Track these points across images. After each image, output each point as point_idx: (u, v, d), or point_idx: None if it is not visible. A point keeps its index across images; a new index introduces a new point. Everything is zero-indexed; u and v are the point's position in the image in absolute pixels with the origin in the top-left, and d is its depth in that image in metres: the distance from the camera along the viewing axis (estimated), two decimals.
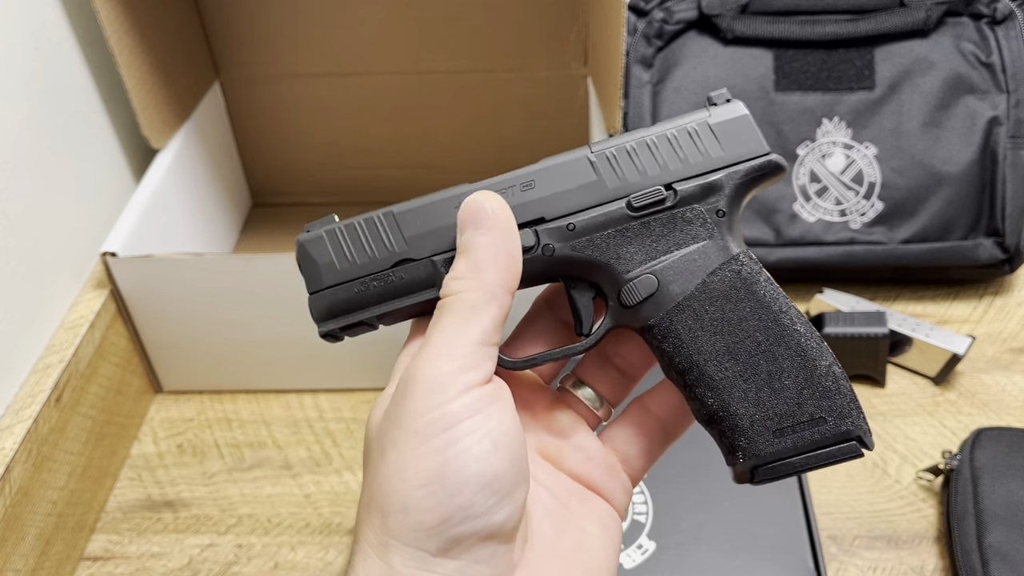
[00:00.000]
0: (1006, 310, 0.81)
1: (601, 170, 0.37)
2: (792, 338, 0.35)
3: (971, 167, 0.77)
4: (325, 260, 0.37)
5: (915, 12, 0.78)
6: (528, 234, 0.37)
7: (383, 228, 0.37)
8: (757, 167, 0.37)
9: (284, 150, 0.94)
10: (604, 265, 0.36)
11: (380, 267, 0.37)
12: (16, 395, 0.62)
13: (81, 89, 0.73)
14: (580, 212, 0.37)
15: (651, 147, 0.37)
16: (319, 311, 0.37)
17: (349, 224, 0.38)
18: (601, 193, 0.37)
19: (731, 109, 0.37)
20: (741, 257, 0.36)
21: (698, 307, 0.36)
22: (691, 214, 0.36)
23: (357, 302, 0.37)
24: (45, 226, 0.67)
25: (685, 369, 0.36)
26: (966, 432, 0.69)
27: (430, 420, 0.32)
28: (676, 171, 0.37)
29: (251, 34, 0.86)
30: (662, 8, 0.80)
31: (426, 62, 0.87)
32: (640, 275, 0.36)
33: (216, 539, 0.66)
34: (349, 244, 0.37)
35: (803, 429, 0.35)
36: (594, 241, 0.36)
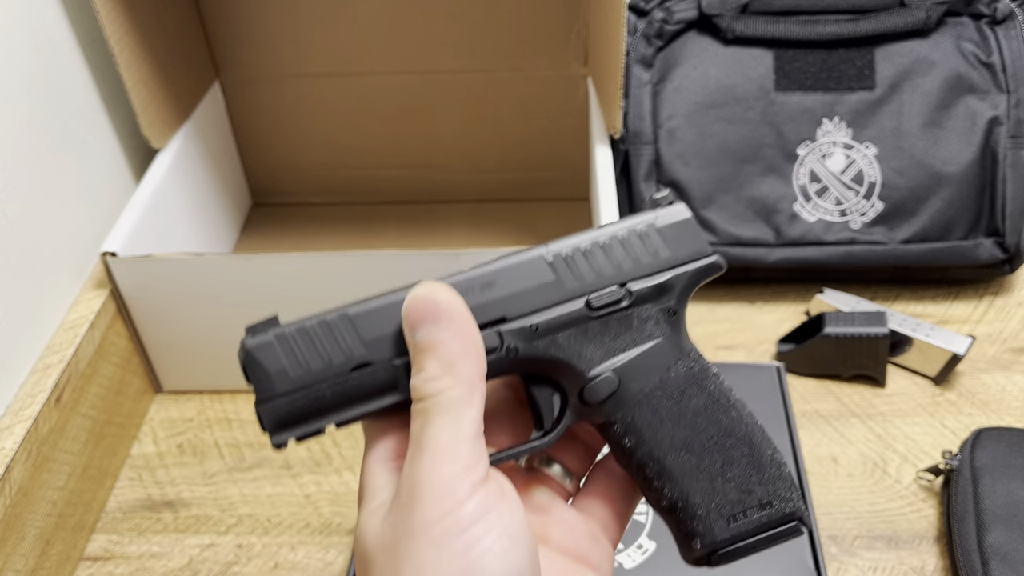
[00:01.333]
0: (1006, 310, 0.81)
1: (559, 270, 0.37)
2: (740, 429, 0.37)
3: (971, 167, 0.77)
4: (276, 367, 0.35)
5: (915, 12, 0.78)
6: (492, 335, 0.36)
7: (338, 331, 0.36)
8: (703, 268, 0.38)
9: (284, 150, 0.94)
10: (566, 364, 0.37)
11: (338, 371, 0.35)
12: (16, 395, 0.62)
13: (81, 89, 0.73)
14: (541, 311, 0.37)
15: (603, 248, 0.38)
16: (272, 421, 0.35)
17: (301, 328, 0.36)
18: (560, 293, 0.37)
19: (675, 212, 0.39)
20: (692, 354, 0.38)
21: (656, 403, 0.37)
22: (645, 313, 0.37)
23: (314, 410, 0.35)
24: (45, 226, 0.67)
25: (645, 463, 0.37)
26: (966, 432, 0.69)
27: (446, 526, 0.31)
28: (629, 271, 0.38)
29: (251, 34, 0.86)
30: (662, 8, 0.80)
31: (427, 62, 0.87)
32: (601, 373, 0.37)
33: (216, 539, 0.66)
34: (302, 349, 0.36)
35: (752, 514, 0.37)
36: (556, 340, 0.37)
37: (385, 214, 0.95)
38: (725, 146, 0.79)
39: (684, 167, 0.80)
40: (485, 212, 0.95)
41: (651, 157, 0.80)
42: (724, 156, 0.79)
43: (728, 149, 0.79)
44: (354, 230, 0.93)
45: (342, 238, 0.92)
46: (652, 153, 0.80)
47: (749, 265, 0.80)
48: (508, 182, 0.95)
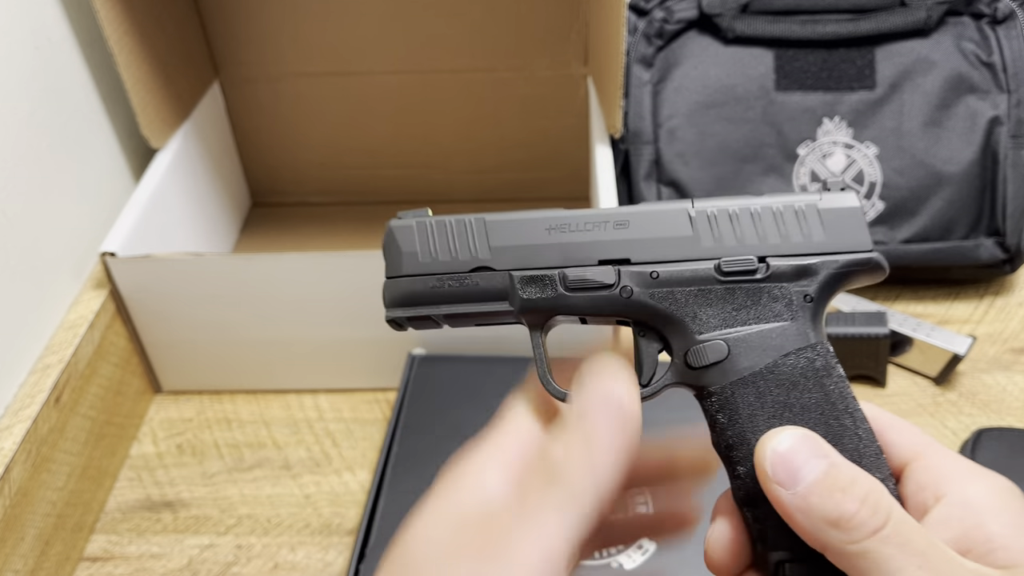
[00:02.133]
0: (1007, 310, 0.81)
1: (699, 226, 0.36)
2: (851, 442, 0.34)
3: (972, 167, 0.77)
4: (409, 249, 0.37)
5: (916, 12, 0.78)
6: (610, 272, 0.36)
7: (471, 232, 0.37)
8: (856, 261, 0.36)
9: (284, 150, 0.94)
10: (678, 321, 0.36)
11: (460, 268, 0.37)
12: (15, 395, 0.62)
13: (81, 89, 0.73)
14: (667, 263, 0.36)
15: (753, 216, 0.36)
16: (392, 297, 0.37)
17: (440, 220, 0.37)
18: (693, 249, 0.36)
19: (843, 198, 0.36)
20: (819, 347, 0.35)
21: (763, 386, 0.34)
22: (778, 292, 0.35)
23: (430, 297, 0.37)
24: (44, 226, 0.67)
25: (734, 444, 0.35)
26: (967, 432, 0.69)
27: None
28: (773, 246, 0.36)
29: (250, 33, 0.86)
30: (662, 7, 0.80)
31: (426, 62, 0.87)
32: (712, 339, 0.35)
33: (216, 539, 0.66)
34: (435, 239, 0.37)
35: None
36: (674, 294, 0.36)
37: (385, 214, 0.94)
38: (725, 146, 0.79)
39: (684, 167, 0.80)
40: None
41: (651, 157, 0.80)
42: (724, 156, 0.79)
43: (728, 149, 0.79)
44: (354, 230, 0.93)
45: (342, 238, 0.92)
46: (652, 153, 0.80)
47: None
48: (508, 182, 0.95)
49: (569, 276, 0.36)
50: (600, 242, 0.36)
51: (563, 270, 0.36)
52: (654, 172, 0.80)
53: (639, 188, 0.80)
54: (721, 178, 0.79)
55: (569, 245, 0.36)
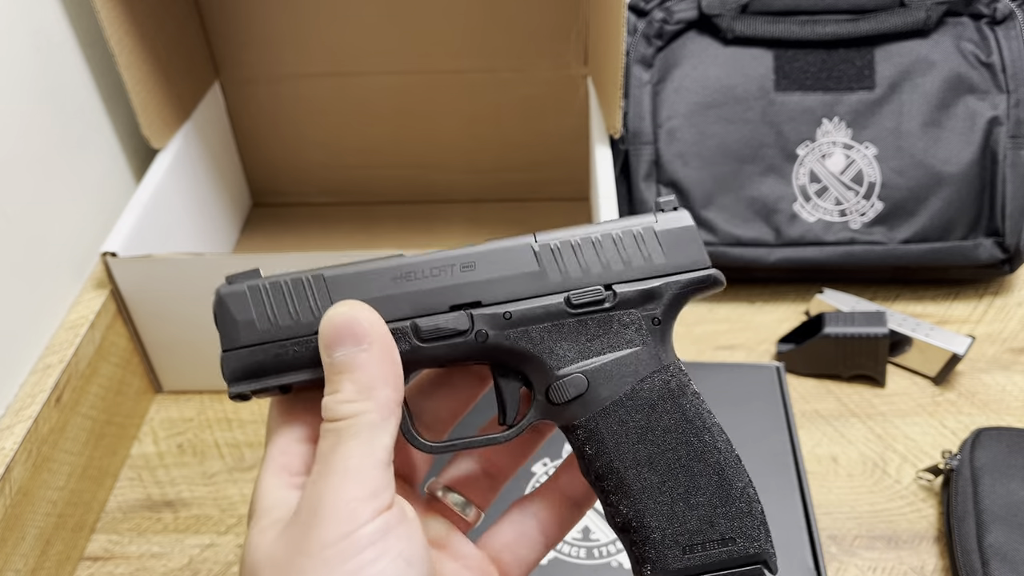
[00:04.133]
0: (1006, 310, 0.81)
1: (544, 261, 0.36)
2: (712, 455, 0.35)
3: (971, 167, 0.77)
4: (245, 317, 0.35)
5: (915, 12, 0.78)
6: (462, 317, 0.36)
7: (311, 291, 0.36)
8: (697, 280, 0.37)
9: (284, 150, 0.94)
10: (536, 359, 0.36)
11: (304, 332, 0.35)
12: (16, 395, 0.62)
13: (81, 89, 0.73)
14: (518, 301, 0.36)
15: (595, 245, 0.36)
16: (232, 370, 0.36)
17: (275, 282, 0.36)
18: (541, 285, 0.36)
19: (677, 218, 0.37)
20: (672, 368, 0.36)
21: (624, 413, 0.35)
22: (628, 319, 0.36)
23: (274, 366, 0.35)
24: (45, 226, 0.67)
25: (604, 474, 0.36)
26: (966, 432, 0.69)
27: (341, 549, 0.31)
28: (618, 273, 0.36)
29: (251, 34, 0.86)
30: (662, 8, 0.80)
31: (426, 62, 0.87)
32: (571, 373, 0.36)
33: (216, 539, 0.66)
34: (273, 303, 0.36)
35: (712, 548, 0.35)
36: (529, 333, 0.36)
37: (384, 214, 0.95)
38: (725, 146, 0.79)
39: (684, 167, 0.80)
40: (484, 212, 0.95)
41: (651, 157, 0.80)
42: (724, 156, 0.79)
43: (728, 149, 0.79)
44: (354, 230, 0.93)
45: (342, 238, 0.92)
46: (652, 153, 0.80)
47: (749, 265, 0.80)
48: (508, 182, 0.95)
49: (421, 327, 0.35)
50: (449, 287, 0.36)
51: (414, 321, 0.35)
52: (654, 172, 0.80)
53: (639, 188, 0.80)
54: (720, 178, 0.79)
55: (417, 293, 0.36)
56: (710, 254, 0.80)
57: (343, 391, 0.33)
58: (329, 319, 0.34)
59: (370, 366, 0.33)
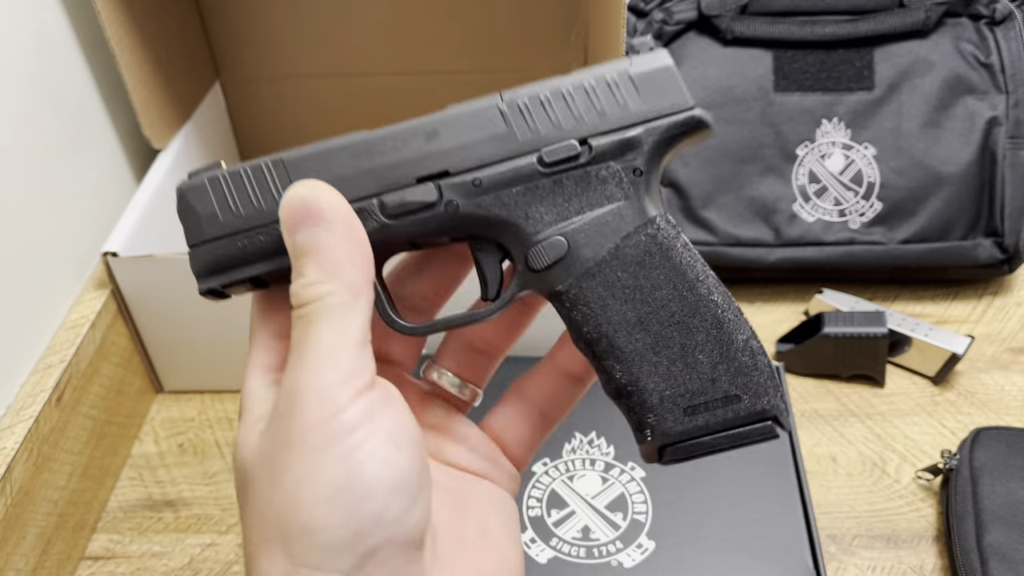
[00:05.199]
0: (1005, 310, 0.81)
1: (512, 121, 0.34)
2: (708, 309, 0.33)
3: (970, 167, 0.77)
4: (207, 210, 0.34)
5: (914, 13, 0.78)
6: (430, 189, 0.34)
7: (271, 177, 0.34)
8: (679, 123, 0.34)
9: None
10: (511, 224, 0.34)
11: (268, 219, 0.34)
12: (17, 395, 0.62)
13: (82, 89, 0.73)
14: (488, 166, 0.34)
15: (566, 98, 0.34)
16: (200, 266, 0.34)
17: (234, 171, 0.34)
18: (511, 146, 0.34)
19: (654, 58, 0.34)
20: (658, 220, 0.34)
21: (610, 273, 0.33)
22: (606, 172, 0.34)
23: (242, 257, 0.34)
24: (46, 226, 0.67)
25: (594, 339, 0.34)
26: (965, 432, 0.69)
27: (326, 433, 0.30)
28: (592, 125, 0.34)
29: (252, 34, 0.86)
30: (662, 9, 0.80)
31: (427, 62, 0.87)
32: (549, 237, 0.33)
33: (217, 538, 0.66)
34: (234, 193, 0.34)
35: (716, 407, 0.33)
36: (501, 198, 0.34)
37: None
38: (724, 146, 0.79)
39: (684, 167, 0.80)
40: None
41: None
42: (723, 156, 0.79)
43: (727, 149, 0.79)
44: None
45: None
46: None
47: (748, 265, 0.80)
48: None
49: (388, 203, 0.34)
50: (413, 159, 0.34)
51: (380, 197, 0.34)
52: None
53: None
54: (720, 179, 0.79)
55: (381, 168, 0.34)
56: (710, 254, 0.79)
57: (307, 274, 0.32)
58: (287, 201, 0.32)
59: (333, 245, 0.32)
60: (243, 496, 0.32)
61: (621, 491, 0.62)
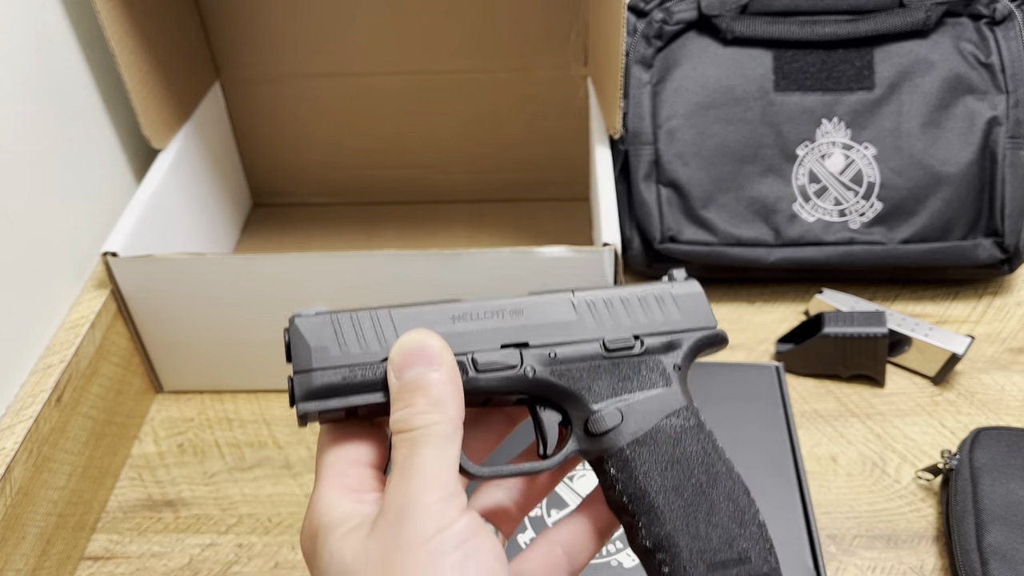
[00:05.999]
0: (1005, 310, 0.81)
1: (581, 312, 0.42)
2: (727, 483, 0.39)
3: (970, 167, 0.77)
4: (319, 344, 0.39)
5: (915, 12, 0.78)
6: (514, 353, 0.40)
7: (378, 323, 0.40)
8: (709, 337, 0.43)
9: (284, 150, 0.94)
10: (576, 394, 0.40)
11: (371, 359, 0.39)
12: (17, 395, 0.62)
13: (82, 89, 0.73)
14: (561, 344, 0.41)
15: (624, 302, 0.42)
16: (303, 391, 0.38)
17: (346, 315, 0.40)
18: (580, 332, 0.41)
19: (689, 286, 0.44)
20: (690, 407, 0.41)
21: (653, 445, 0.40)
22: (653, 363, 0.41)
23: (343, 388, 0.38)
24: (46, 226, 0.67)
25: (636, 498, 0.39)
26: (965, 432, 0.69)
27: (441, 540, 0.33)
28: (644, 325, 0.42)
29: (251, 34, 0.86)
30: (662, 8, 0.80)
31: (426, 62, 0.87)
32: (607, 408, 0.40)
33: (217, 539, 0.66)
34: (343, 332, 0.39)
35: (732, 566, 0.38)
36: (571, 371, 0.41)
37: (385, 214, 0.95)
38: (725, 146, 0.79)
39: (684, 167, 0.80)
40: (485, 212, 0.95)
41: (651, 157, 0.80)
42: (723, 156, 0.79)
43: (727, 149, 0.79)
44: (354, 230, 0.93)
45: (342, 238, 0.92)
46: (652, 153, 0.80)
47: (748, 265, 0.80)
48: (508, 182, 0.95)
49: (479, 360, 0.40)
50: (500, 329, 0.41)
51: (473, 354, 0.40)
52: (653, 172, 0.81)
53: (638, 188, 0.80)
54: (720, 178, 0.79)
55: (473, 332, 0.40)
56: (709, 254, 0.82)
57: (416, 405, 0.36)
58: (402, 344, 0.37)
59: (440, 384, 0.36)
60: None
61: None
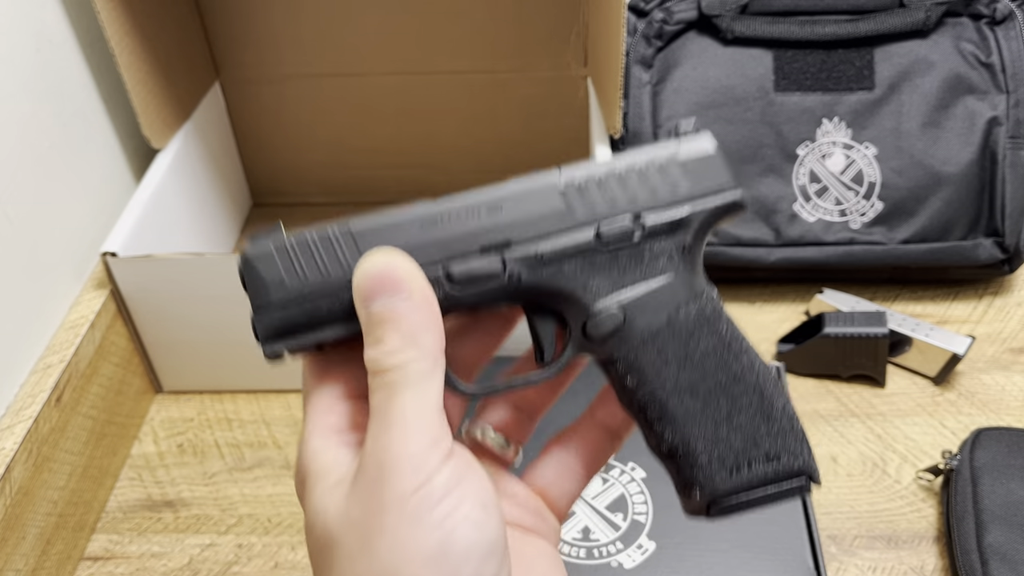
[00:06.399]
0: (1006, 310, 0.81)
1: (570, 198, 0.36)
2: (750, 377, 0.36)
3: (971, 167, 0.77)
4: (274, 277, 0.35)
5: (915, 12, 0.78)
6: (494, 260, 0.35)
7: (339, 246, 0.35)
8: (723, 207, 0.37)
9: (284, 150, 0.94)
10: (571, 295, 0.36)
11: (334, 286, 0.35)
12: (16, 395, 0.62)
13: (82, 89, 0.73)
14: (548, 239, 0.36)
15: (620, 178, 0.36)
16: (265, 330, 0.35)
17: (301, 239, 0.35)
18: (569, 221, 0.36)
19: (699, 145, 0.37)
20: (705, 294, 0.36)
21: (662, 343, 0.36)
22: (658, 248, 0.36)
23: (308, 322, 0.35)
24: (46, 226, 0.67)
25: (646, 404, 0.36)
26: (966, 432, 0.69)
27: (420, 498, 0.31)
28: (644, 203, 0.36)
29: (252, 34, 0.86)
30: (662, 8, 0.80)
31: (427, 63, 0.87)
32: (606, 307, 0.36)
33: (216, 539, 0.66)
34: (301, 260, 0.35)
35: (758, 465, 0.35)
36: (562, 270, 0.36)
37: None
38: (725, 146, 0.78)
39: None
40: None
41: None
42: None
43: (728, 149, 0.78)
44: None
45: None
46: None
47: (749, 265, 0.80)
48: None
49: (454, 272, 0.35)
50: (477, 230, 0.35)
51: (447, 266, 0.35)
52: None
53: None
54: None
55: (446, 238, 0.35)
56: (710, 254, 0.79)
57: (387, 341, 0.32)
58: (364, 270, 0.33)
59: (412, 314, 0.33)
60: (326, 559, 0.33)
61: (621, 492, 0.62)
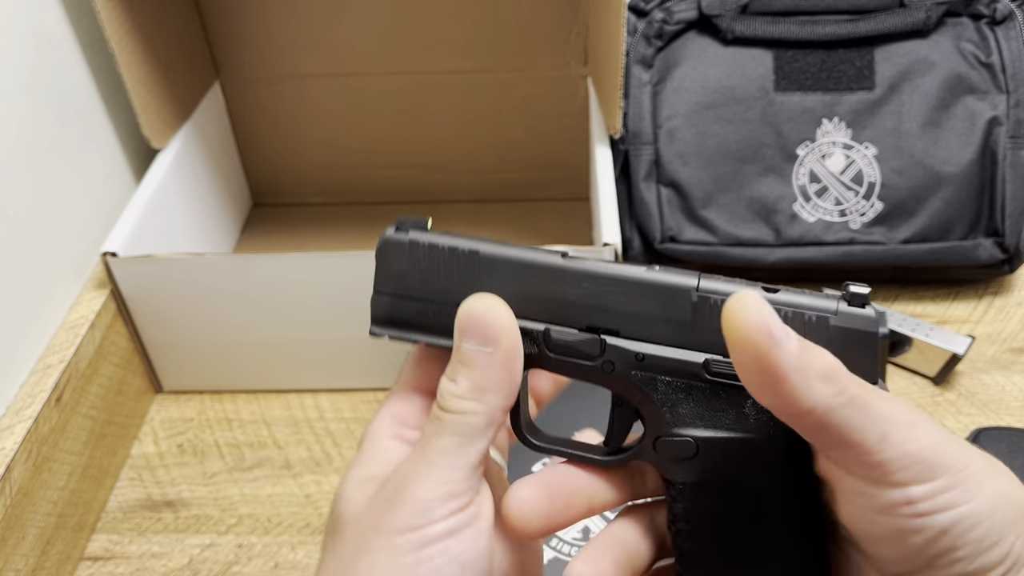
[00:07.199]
0: (1006, 310, 0.81)
1: (699, 314, 0.33)
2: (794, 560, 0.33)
3: (971, 167, 0.77)
4: (401, 267, 0.36)
5: (915, 12, 0.78)
6: (595, 342, 0.34)
7: (463, 263, 0.35)
8: None
9: (284, 150, 0.94)
10: (655, 408, 0.34)
11: (447, 299, 0.35)
12: (16, 395, 0.62)
13: (82, 89, 0.73)
14: (656, 344, 0.33)
15: None
16: (378, 314, 0.36)
17: (433, 244, 0.35)
18: (686, 338, 0.33)
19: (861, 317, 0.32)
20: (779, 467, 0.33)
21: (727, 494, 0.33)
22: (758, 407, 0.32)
23: (414, 323, 0.36)
24: (45, 226, 0.67)
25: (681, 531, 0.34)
26: (966, 432, 0.69)
27: (409, 539, 0.32)
28: None
29: (251, 34, 0.86)
30: (662, 8, 0.80)
31: (426, 62, 0.87)
32: (684, 436, 0.33)
33: (216, 539, 0.66)
34: (428, 263, 0.35)
35: None
36: (655, 381, 0.33)
37: (385, 214, 0.95)
38: (725, 146, 0.79)
39: (684, 167, 0.80)
40: (485, 212, 0.95)
41: (651, 157, 0.80)
42: (724, 156, 0.79)
43: (728, 149, 0.79)
44: (354, 230, 0.93)
45: (342, 238, 0.92)
46: (652, 153, 0.80)
47: (749, 265, 0.80)
48: (508, 182, 0.95)
49: (553, 338, 0.34)
50: (594, 306, 0.34)
51: (548, 329, 0.34)
52: (654, 172, 0.81)
53: (639, 188, 0.80)
54: (720, 178, 0.79)
55: (561, 301, 0.34)
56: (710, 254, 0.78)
57: (459, 383, 0.33)
58: (467, 308, 0.34)
59: (489, 369, 0.33)
60: (331, 541, 0.34)
61: None
